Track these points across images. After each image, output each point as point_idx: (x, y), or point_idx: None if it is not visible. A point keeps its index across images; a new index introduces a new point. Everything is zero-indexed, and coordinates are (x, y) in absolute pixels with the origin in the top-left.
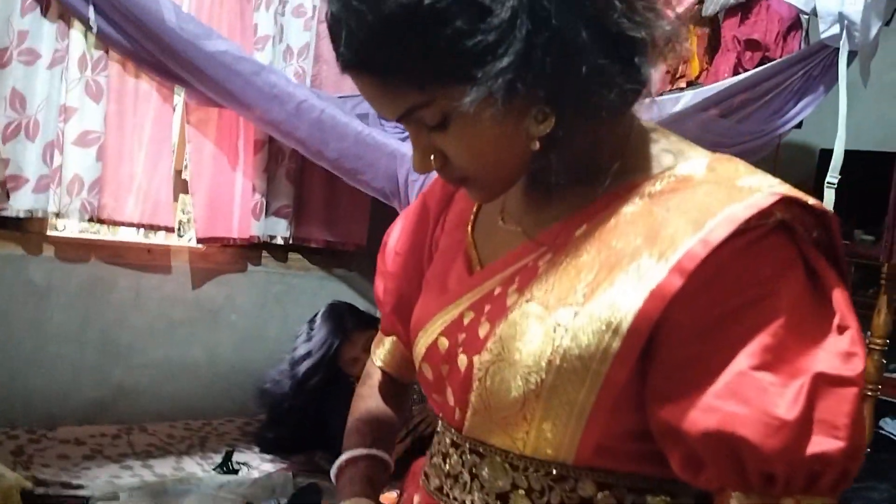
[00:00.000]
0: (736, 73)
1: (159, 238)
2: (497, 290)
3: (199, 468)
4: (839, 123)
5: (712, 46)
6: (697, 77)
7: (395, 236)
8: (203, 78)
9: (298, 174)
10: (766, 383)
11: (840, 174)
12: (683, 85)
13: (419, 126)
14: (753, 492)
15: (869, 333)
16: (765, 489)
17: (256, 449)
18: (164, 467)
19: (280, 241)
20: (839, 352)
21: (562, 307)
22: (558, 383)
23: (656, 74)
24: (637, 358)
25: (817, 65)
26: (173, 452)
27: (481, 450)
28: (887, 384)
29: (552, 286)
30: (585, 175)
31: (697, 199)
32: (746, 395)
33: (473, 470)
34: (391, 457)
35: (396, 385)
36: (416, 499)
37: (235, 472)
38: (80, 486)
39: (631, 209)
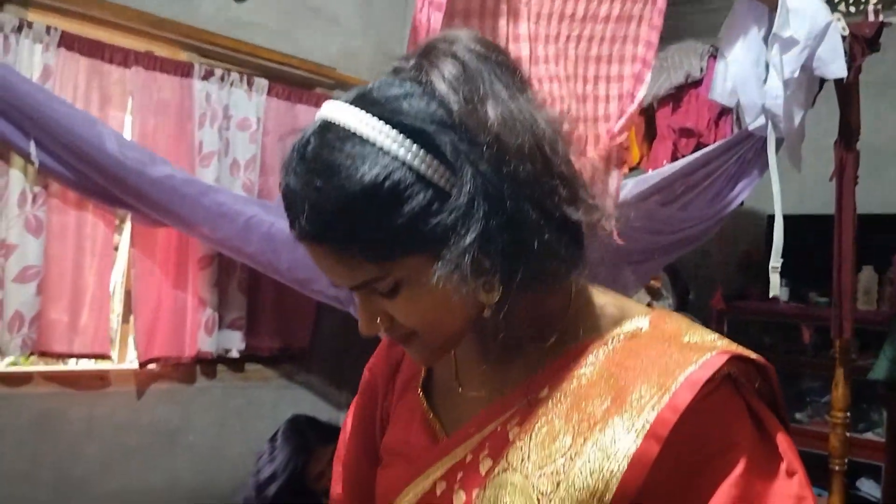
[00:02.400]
0: (674, 158)
1: (110, 363)
2: (468, 458)
3: None
4: (776, 209)
5: (649, 133)
6: (638, 163)
7: (348, 426)
8: (149, 202)
9: (251, 284)
10: None
11: (789, 238)
12: (626, 171)
13: (371, 292)
14: None
15: (830, 409)
16: None
17: None
18: None
19: (236, 354)
20: (791, 495)
21: (542, 476)
22: None
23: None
24: None
25: (749, 149)
26: None
27: None
28: (859, 445)
29: (528, 454)
30: (536, 338)
31: (653, 360)
32: None
33: None
34: None
35: None
36: None
37: None
38: None
39: (589, 371)
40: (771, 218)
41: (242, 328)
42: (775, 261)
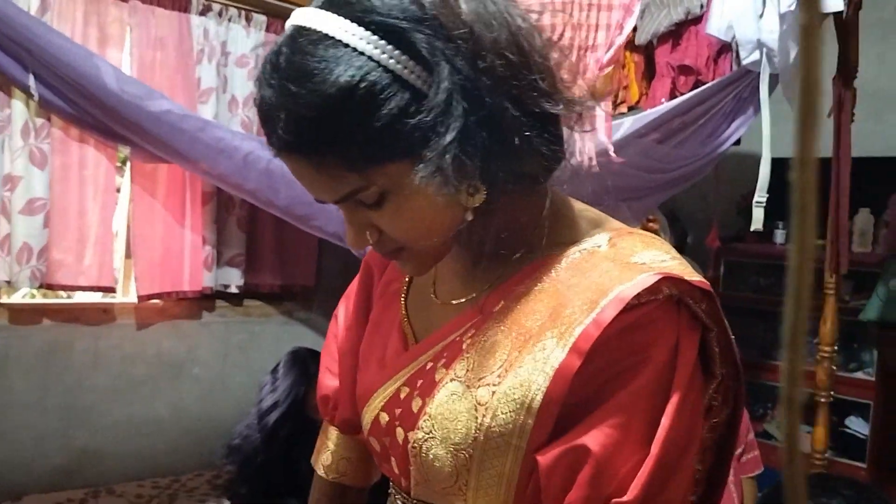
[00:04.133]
0: (672, 97)
1: (114, 297)
2: (429, 366)
3: None
4: (764, 145)
5: (649, 72)
6: (637, 102)
7: (343, 312)
8: (148, 137)
9: (250, 221)
10: (614, 428)
11: (785, 181)
12: (625, 110)
13: (355, 205)
14: None
15: (816, 341)
16: None
17: (227, 502)
18: None
19: (235, 290)
20: (668, 428)
21: (481, 386)
22: (485, 458)
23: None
24: (550, 431)
25: (745, 87)
26: None
27: None
28: (848, 384)
29: (472, 364)
30: (507, 248)
31: (594, 278)
32: (598, 433)
33: None
34: None
35: (344, 498)
36: None
37: None
38: None
39: (539, 286)
40: (775, 161)
41: (241, 265)
42: (760, 196)
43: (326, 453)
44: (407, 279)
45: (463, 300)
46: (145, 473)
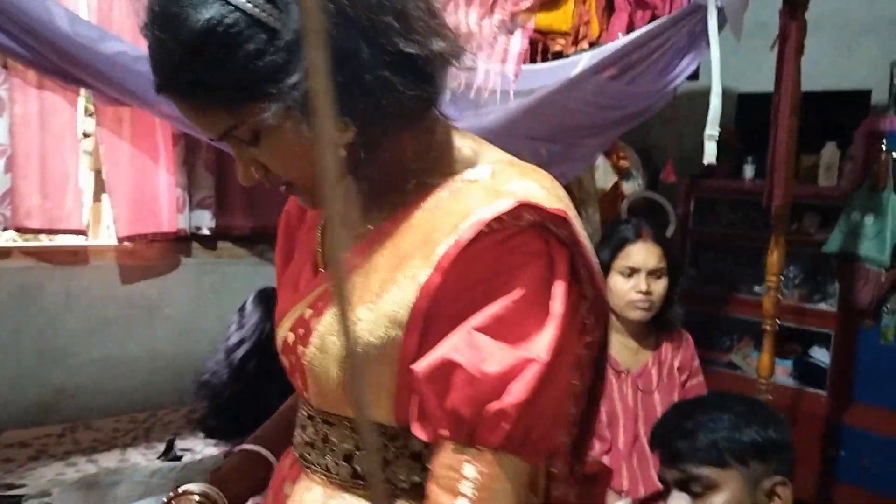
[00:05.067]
0: (630, 31)
1: (83, 239)
2: (328, 290)
3: (143, 458)
4: (713, 79)
5: (609, 9)
6: (598, 38)
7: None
8: (104, 79)
9: (217, 164)
10: (483, 343)
11: (756, 117)
12: (586, 46)
13: (237, 142)
14: (449, 434)
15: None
16: (456, 433)
17: (201, 435)
18: (109, 461)
19: (206, 232)
20: (542, 338)
21: (361, 305)
22: (367, 369)
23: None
24: (418, 343)
25: (698, 22)
26: (118, 446)
27: (328, 420)
28: (812, 315)
29: (357, 285)
30: (397, 180)
31: (464, 203)
32: (464, 346)
33: (325, 437)
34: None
35: None
36: (287, 463)
37: (179, 458)
38: (23, 486)
39: (421, 214)
40: (742, 97)
41: (211, 207)
42: (711, 129)
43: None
44: (323, 214)
45: (362, 229)
46: (122, 409)
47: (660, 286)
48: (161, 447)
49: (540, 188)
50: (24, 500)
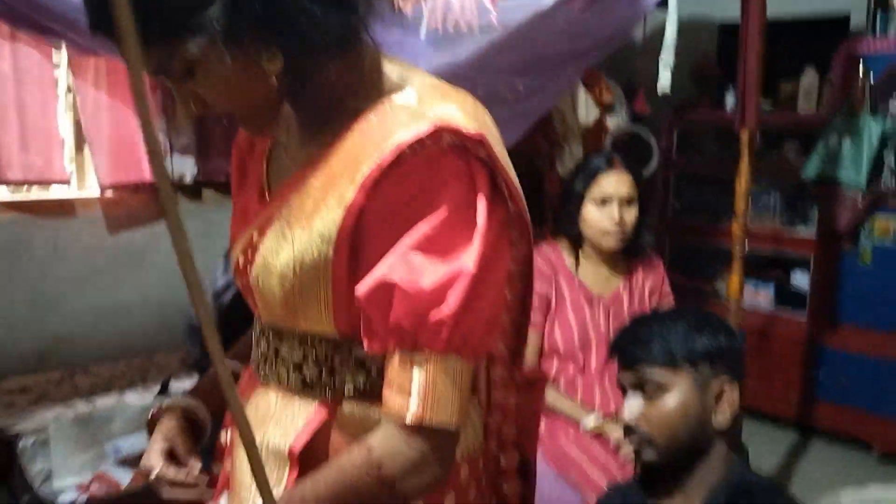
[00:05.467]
0: None
1: (69, 191)
2: (272, 213)
3: (140, 400)
4: (670, 6)
5: None
6: None
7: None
8: (75, 29)
9: None
10: (417, 259)
11: (734, 47)
12: None
13: (173, 77)
14: (396, 345)
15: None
16: (401, 343)
17: (197, 375)
18: (108, 403)
19: (189, 181)
20: (471, 251)
21: (298, 226)
22: (304, 284)
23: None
24: (347, 259)
25: None
26: (116, 388)
27: (278, 334)
28: (793, 241)
29: (294, 207)
30: (330, 107)
31: (387, 126)
32: (399, 266)
33: (276, 350)
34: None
35: None
36: (246, 377)
37: None
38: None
39: (351, 137)
40: (723, 28)
41: (193, 154)
42: (666, 56)
43: None
44: (270, 143)
45: (302, 155)
46: (118, 355)
47: (631, 214)
48: (155, 388)
49: (459, 111)
50: (22, 437)
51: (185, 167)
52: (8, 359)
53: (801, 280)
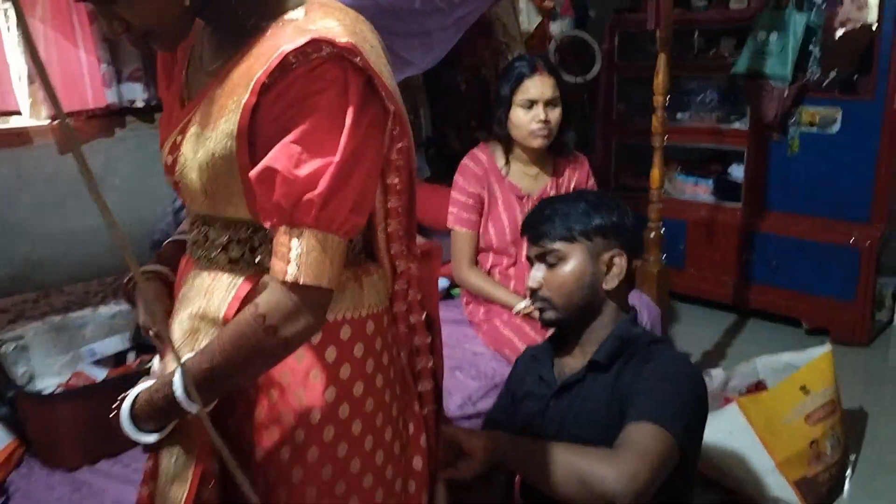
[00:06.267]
0: None
1: (23, 121)
2: (189, 119)
3: (110, 310)
4: None
5: None
6: None
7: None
8: None
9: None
10: (296, 151)
11: None
12: None
13: (98, 2)
14: (280, 221)
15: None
16: (281, 219)
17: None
18: (81, 314)
19: (140, 105)
20: (339, 146)
21: (209, 127)
22: (218, 175)
23: None
24: (248, 153)
25: None
26: (90, 304)
27: (206, 221)
28: (730, 135)
29: (206, 112)
30: (235, 24)
31: (277, 40)
32: (281, 156)
33: (205, 234)
34: None
35: None
36: (183, 261)
37: None
38: None
39: (251, 51)
40: None
41: (142, 80)
42: None
43: None
44: (189, 56)
45: (213, 67)
46: (89, 275)
47: (556, 114)
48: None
49: (337, 25)
50: (2, 344)
51: (135, 93)
52: None
53: (737, 172)
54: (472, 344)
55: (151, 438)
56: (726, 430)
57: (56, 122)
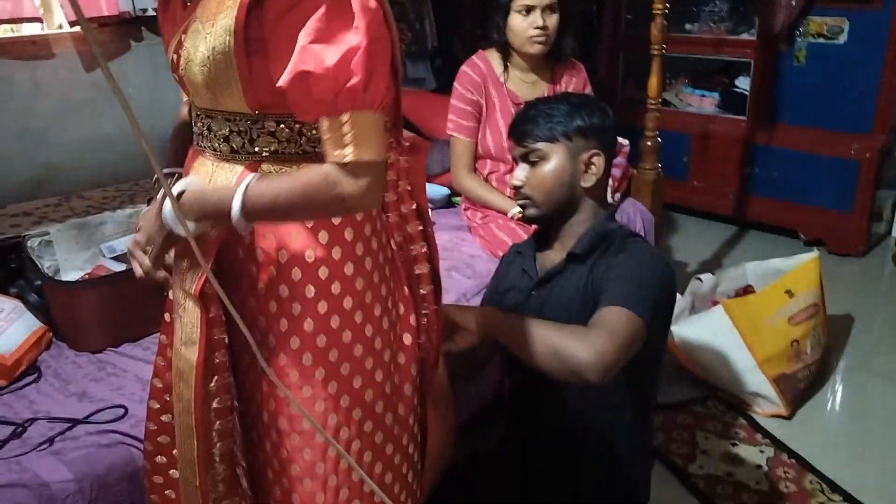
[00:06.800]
0: None
1: (36, 29)
2: (192, 17)
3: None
4: None
5: None
6: None
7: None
8: None
9: None
10: (318, 49)
11: None
12: None
13: None
14: (324, 114)
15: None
16: (327, 111)
17: None
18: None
19: (152, 13)
20: (356, 33)
21: (208, 23)
22: (218, 69)
23: None
24: (245, 47)
25: None
26: (108, 208)
27: (208, 114)
28: (738, 45)
29: (205, 7)
30: None
31: None
32: (307, 57)
33: (208, 126)
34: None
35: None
36: (190, 152)
37: None
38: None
39: None
40: None
41: None
42: None
43: (185, 107)
44: None
45: None
46: (107, 181)
47: (553, 20)
48: (142, 207)
49: None
50: (28, 239)
51: (146, 2)
52: (7, 187)
53: (744, 84)
54: (469, 247)
55: (190, 228)
56: (711, 330)
57: (75, 28)
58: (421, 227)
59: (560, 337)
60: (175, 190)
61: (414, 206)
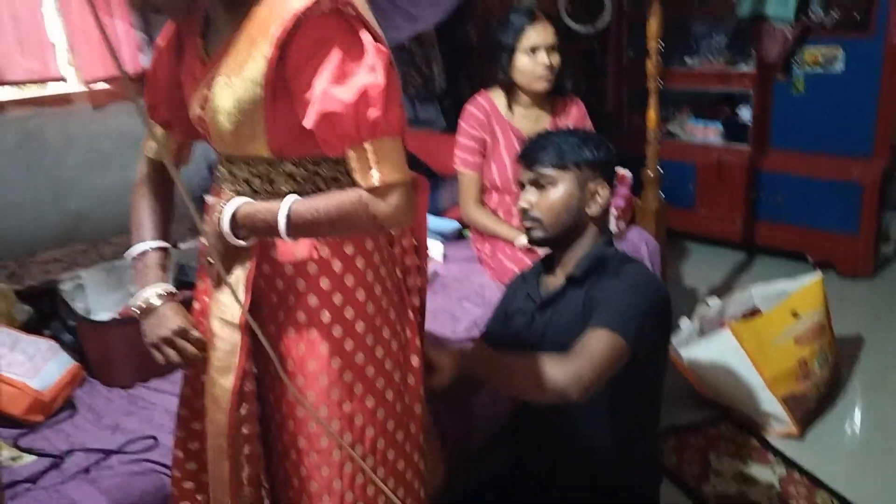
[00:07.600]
0: None
1: (63, 87)
2: (213, 73)
3: None
4: None
5: None
6: None
7: (157, 55)
8: None
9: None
10: (337, 91)
11: None
12: None
13: None
14: (349, 146)
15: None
16: (353, 143)
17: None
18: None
19: None
20: (370, 71)
21: (234, 76)
22: (245, 117)
23: None
24: (271, 97)
25: None
26: None
27: (231, 160)
28: (737, 77)
29: (229, 63)
30: None
31: (288, 2)
32: (330, 99)
33: (230, 171)
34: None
35: (165, 172)
36: (213, 192)
37: None
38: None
39: (261, 11)
40: None
41: None
42: None
43: (151, 142)
44: (202, 23)
45: (228, 25)
46: None
47: (556, 59)
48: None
49: None
50: (61, 283)
51: None
52: (39, 235)
53: (745, 114)
54: (479, 277)
55: (241, 242)
56: (719, 352)
57: (94, 87)
58: (418, 263)
59: (540, 368)
60: (230, 208)
61: (413, 242)
